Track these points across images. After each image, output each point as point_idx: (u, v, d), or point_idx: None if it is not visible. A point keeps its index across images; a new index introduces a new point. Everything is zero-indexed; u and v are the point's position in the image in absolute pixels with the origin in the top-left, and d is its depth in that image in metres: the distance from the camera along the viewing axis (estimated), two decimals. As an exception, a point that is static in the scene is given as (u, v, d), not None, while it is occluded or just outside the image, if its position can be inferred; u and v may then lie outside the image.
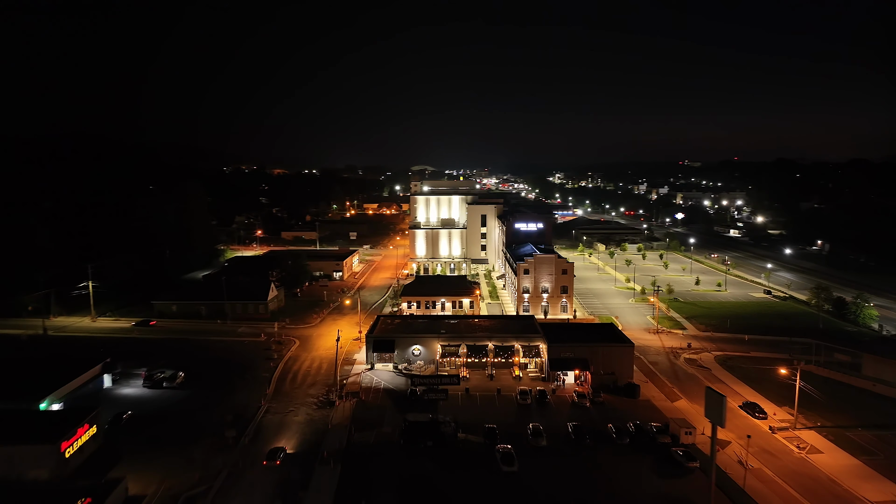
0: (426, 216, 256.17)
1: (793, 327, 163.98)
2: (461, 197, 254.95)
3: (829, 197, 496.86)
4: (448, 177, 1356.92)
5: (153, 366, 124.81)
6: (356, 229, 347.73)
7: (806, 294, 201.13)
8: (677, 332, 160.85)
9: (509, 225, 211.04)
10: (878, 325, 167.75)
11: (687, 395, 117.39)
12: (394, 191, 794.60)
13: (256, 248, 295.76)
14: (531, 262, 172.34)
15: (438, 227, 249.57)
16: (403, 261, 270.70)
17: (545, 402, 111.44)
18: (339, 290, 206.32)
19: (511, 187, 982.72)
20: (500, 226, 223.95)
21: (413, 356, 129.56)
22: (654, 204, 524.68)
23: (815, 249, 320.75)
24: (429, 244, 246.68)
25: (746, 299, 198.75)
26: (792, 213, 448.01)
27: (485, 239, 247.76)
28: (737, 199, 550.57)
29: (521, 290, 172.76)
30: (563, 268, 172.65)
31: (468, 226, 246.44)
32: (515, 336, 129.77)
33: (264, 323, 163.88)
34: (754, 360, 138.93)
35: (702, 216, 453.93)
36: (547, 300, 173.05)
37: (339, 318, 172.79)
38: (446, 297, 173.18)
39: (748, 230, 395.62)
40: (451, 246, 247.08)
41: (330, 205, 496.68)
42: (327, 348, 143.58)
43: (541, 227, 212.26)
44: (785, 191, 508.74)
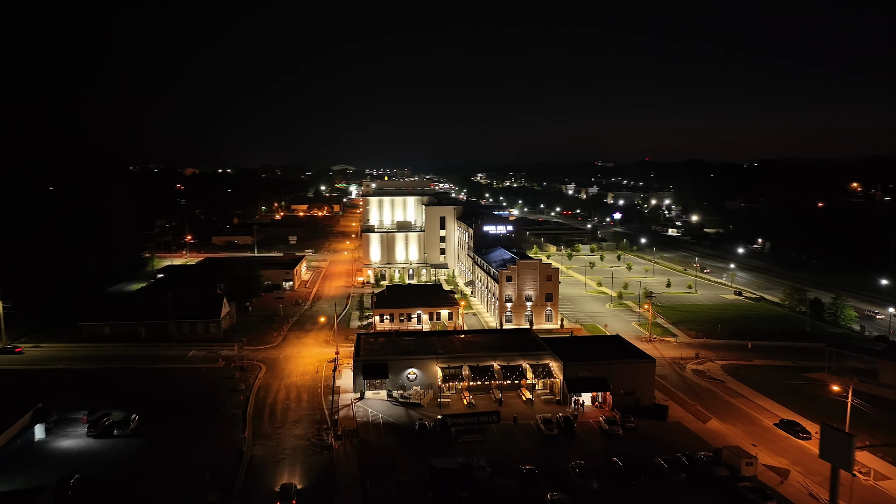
0: (380, 218, 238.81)
1: (780, 330, 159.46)
2: (417, 198, 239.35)
3: (751, 197, 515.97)
4: (370, 177, 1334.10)
5: (96, 407, 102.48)
6: (291, 232, 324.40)
7: (777, 295, 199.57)
8: (670, 340, 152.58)
9: (477, 228, 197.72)
10: (858, 326, 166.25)
11: (714, 413, 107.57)
12: (319, 191, 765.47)
13: (187, 256, 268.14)
14: (514, 268, 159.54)
15: (394, 230, 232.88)
16: (354, 267, 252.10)
17: (572, 432, 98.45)
18: (292, 302, 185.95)
19: (436, 187, 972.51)
20: (466, 229, 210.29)
21: (408, 381, 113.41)
22: (588, 203, 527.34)
23: (757, 248, 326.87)
24: (384, 249, 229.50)
25: (721, 301, 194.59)
26: (720, 212, 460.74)
27: (444, 242, 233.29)
28: (665, 199, 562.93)
29: (503, 298, 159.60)
30: (547, 274, 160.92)
31: (426, 228, 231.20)
32: (522, 354, 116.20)
33: (218, 344, 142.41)
34: (764, 370, 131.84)
35: (637, 216, 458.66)
36: (531, 309, 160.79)
37: (302, 335, 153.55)
38: (423, 309, 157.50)
39: (686, 229, 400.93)
40: (408, 250, 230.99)
41: (257, 206, 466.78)
42: (300, 374, 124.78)
43: (510, 230, 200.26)
44: (715, 190, 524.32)
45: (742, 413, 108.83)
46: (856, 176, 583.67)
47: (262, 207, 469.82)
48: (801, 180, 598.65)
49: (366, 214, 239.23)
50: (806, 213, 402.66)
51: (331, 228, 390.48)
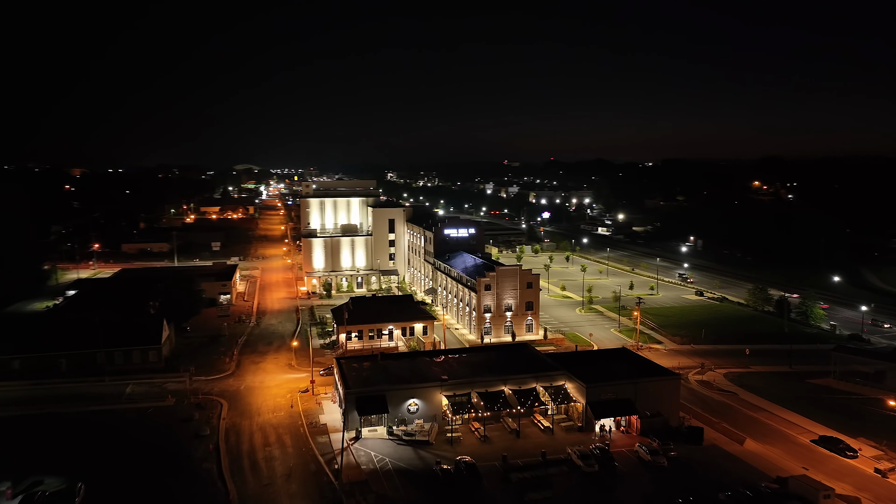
0: (321, 222, 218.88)
1: (759, 332, 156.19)
2: (362, 199, 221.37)
3: (668, 195, 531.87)
4: (276, 176, 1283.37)
5: (22, 474, 79.67)
6: (212, 238, 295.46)
7: (734, 294, 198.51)
8: (657, 348, 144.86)
9: (438, 232, 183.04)
10: (829, 325, 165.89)
11: (743, 431, 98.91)
12: (227, 192, 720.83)
13: (95, 267, 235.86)
14: (493, 276, 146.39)
15: (339, 234, 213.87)
16: (293, 275, 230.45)
17: (613, 467, 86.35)
18: (235, 319, 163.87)
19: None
20: (422, 233, 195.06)
21: (408, 414, 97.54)
22: (515, 203, 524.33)
23: (690, 245, 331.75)
24: (328, 255, 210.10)
25: (687, 303, 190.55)
26: (640, 211, 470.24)
27: (393, 247, 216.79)
28: (585, 198, 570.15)
29: (481, 309, 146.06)
30: (528, 281, 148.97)
31: (374, 232, 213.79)
32: (535, 376, 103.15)
33: (161, 376, 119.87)
34: (766, 377, 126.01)
35: (565, 215, 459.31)
36: (511, 319, 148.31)
37: (257, 359, 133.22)
38: (395, 324, 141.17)
39: (616, 228, 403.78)
40: (354, 256, 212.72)
41: (165, 209, 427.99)
42: (272, 409, 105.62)
43: (472, 233, 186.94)
44: (636, 189, 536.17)
45: (771, 429, 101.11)
46: (756, 175, 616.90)
47: (171, 210, 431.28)
48: (708, 179, 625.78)
49: (305, 218, 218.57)
50: (727, 211, 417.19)
51: (251, 232, 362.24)
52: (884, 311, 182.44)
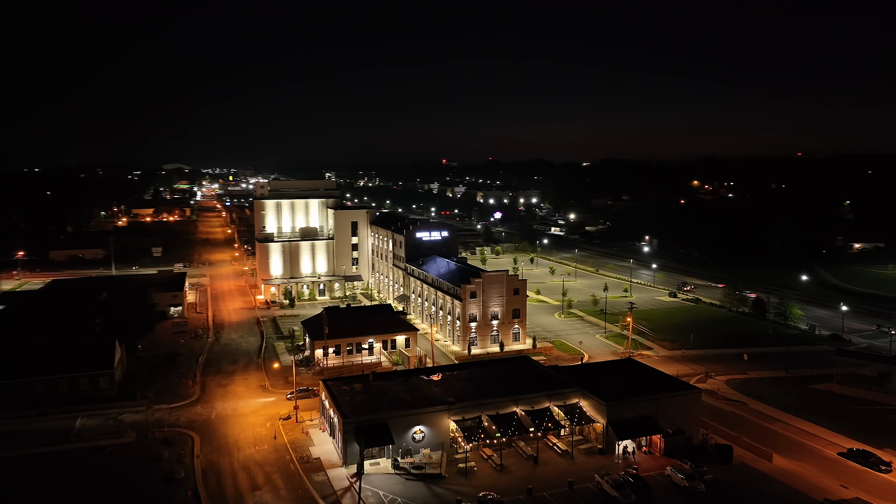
0: (278, 225, 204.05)
1: (743, 334, 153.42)
2: (321, 200, 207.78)
3: (614, 195, 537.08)
4: (209, 176, 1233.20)
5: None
6: (151, 242, 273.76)
7: (706, 294, 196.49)
8: (648, 355, 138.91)
9: (410, 235, 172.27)
10: (807, 325, 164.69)
11: (768, 446, 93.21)
12: (159, 193, 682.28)
13: (20, 277, 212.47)
14: (479, 282, 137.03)
15: (298, 238, 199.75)
16: (247, 282, 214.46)
17: (650, 495, 78.51)
18: (192, 335, 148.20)
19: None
20: (390, 236, 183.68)
21: (414, 443, 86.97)
22: (466, 203, 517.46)
23: (644, 244, 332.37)
24: (287, 260, 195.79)
25: (663, 305, 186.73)
26: (588, 210, 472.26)
27: (356, 251, 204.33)
28: (532, 197, 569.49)
29: (467, 318, 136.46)
30: (514, 287, 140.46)
31: (336, 236, 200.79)
32: (547, 395, 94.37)
33: (115, 406, 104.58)
34: (767, 383, 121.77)
35: (517, 215, 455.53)
36: (497, 328, 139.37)
37: (224, 381, 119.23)
38: (375, 337, 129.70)
39: (570, 228, 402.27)
40: (315, 261, 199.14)
41: (94, 211, 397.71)
42: (253, 442, 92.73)
43: (445, 237, 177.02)
44: (579, 188, 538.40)
45: (792, 442, 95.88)
46: (695, 174, 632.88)
47: (102, 213, 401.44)
48: (649, 178, 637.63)
49: (260, 221, 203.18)
50: (675, 210, 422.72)
51: (192, 236, 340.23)
52: (847, 309, 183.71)
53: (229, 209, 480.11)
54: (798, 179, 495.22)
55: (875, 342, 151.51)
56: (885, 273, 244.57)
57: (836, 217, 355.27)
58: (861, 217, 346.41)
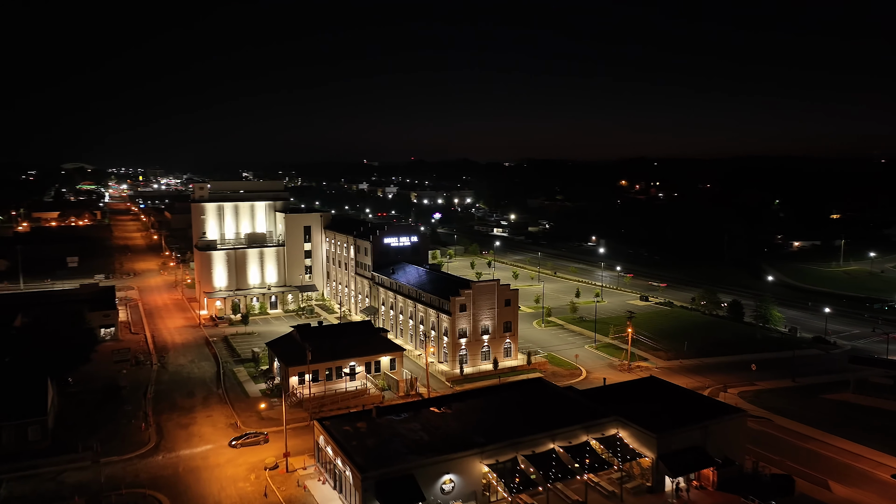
0: (220, 231, 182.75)
1: (733, 340, 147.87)
2: (269, 203, 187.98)
3: (550, 195, 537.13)
4: (115, 176, 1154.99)
5: None
6: (65, 251, 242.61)
7: (674, 296, 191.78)
8: (647, 366, 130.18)
9: (378, 241, 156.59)
10: (787, 328, 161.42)
11: (816, 471, 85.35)
12: (61, 194, 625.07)
13: None
14: (469, 293, 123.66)
15: (244, 245, 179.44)
16: (182, 296, 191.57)
17: (728, 544, 68.00)
18: (132, 361, 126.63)
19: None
20: (352, 242, 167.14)
21: (442, 495, 72.75)
22: (397, 203, 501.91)
23: (592, 245, 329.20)
24: (232, 270, 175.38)
25: (639, 310, 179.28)
26: (525, 210, 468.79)
27: (310, 258, 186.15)
28: (466, 197, 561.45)
29: (456, 333, 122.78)
30: (506, 298, 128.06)
31: (287, 242, 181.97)
32: (584, 427, 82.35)
33: (51, 462, 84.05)
34: (780, 394, 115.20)
35: (455, 216, 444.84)
36: (488, 343, 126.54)
37: (184, 419, 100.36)
38: (357, 360, 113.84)
39: (512, 228, 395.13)
40: (264, 270, 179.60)
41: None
42: (237, 503, 75.52)
43: (415, 242, 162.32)
44: (517, 189, 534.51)
45: (838, 464, 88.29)
46: (623, 174, 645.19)
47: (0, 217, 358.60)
48: (579, 178, 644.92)
49: (200, 226, 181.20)
50: (614, 210, 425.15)
51: (108, 242, 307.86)
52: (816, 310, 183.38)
53: (146, 212, 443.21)
54: (726, 180, 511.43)
55: (858, 343, 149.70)
56: (831, 271, 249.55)
57: (771, 216, 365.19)
58: (794, 216, 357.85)
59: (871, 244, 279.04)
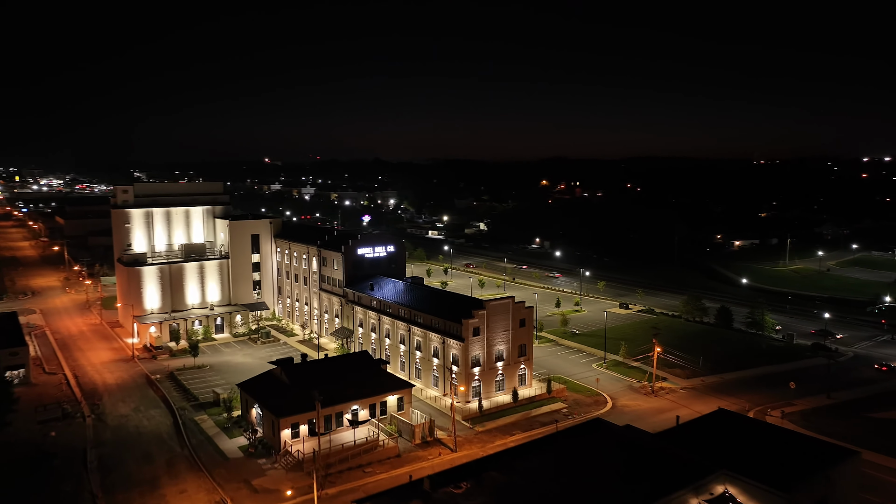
0: (149, 241, 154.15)
1: (740, 351, 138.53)
2: (207, 208, 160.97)
3: (478, 195, 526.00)
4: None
5: None
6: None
7: (641, 302, 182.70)
8: (670, 387, 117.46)
9: (350, 252, 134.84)
10: (782, 335, 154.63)
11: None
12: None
13: None
14: (482, 315, 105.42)
15: (180, 258, 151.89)
16: (100, 319, 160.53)
17: None
18: (56, 415, 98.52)
19: (89, 189, 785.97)
20: (316, 253, 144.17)
21: None
22: (320, 205, 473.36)
23: (537, 247, 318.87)
24: (167, 288, 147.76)
25: (625, 319, 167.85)
26: (453, 211, 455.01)
27: (259, 272, 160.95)
28: (389, 198, 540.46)
29: (469, 362, 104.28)
30: (520, 317, 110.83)
31: (231, 253, 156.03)
32: (694, 488, 66.56)
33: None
34: (827, 414, 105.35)
35: (385, 218, 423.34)
36: (503, 371, 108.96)
37: (148, 498, 75.78)
38: (360, 402, 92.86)
39: (448, 230, 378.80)
40: (205, 288, 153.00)
41: None
42: None
43: (392, 252, 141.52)
44: (440, 189, 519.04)
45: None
46: (543, 174, 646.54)
47: None
48: (499, 178, 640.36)
49: (123, 236, 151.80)
50: (547, 210, 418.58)
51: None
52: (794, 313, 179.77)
53: (31, 217, 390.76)
54: (650, 179, 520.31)
55: (857, 349, 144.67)
56: (780, 270, 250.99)
57: (709, 215, 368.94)
58: (730, 215, 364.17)
59: (808, 243, 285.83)
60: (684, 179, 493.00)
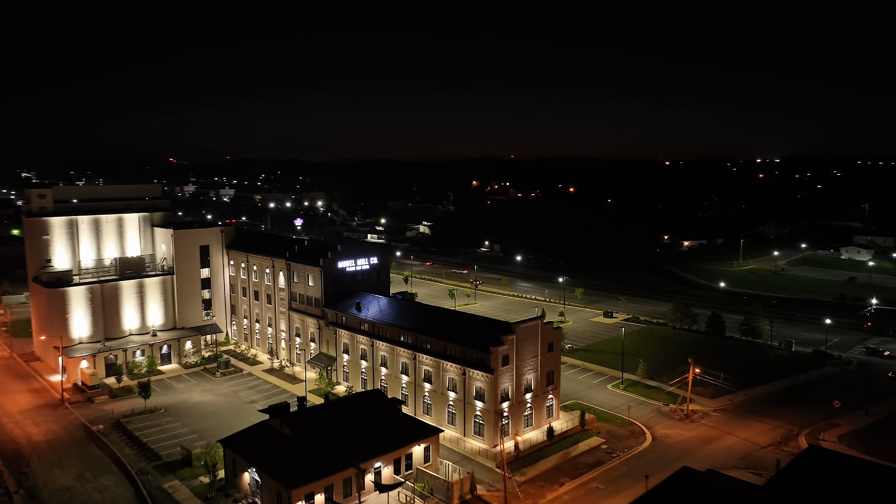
0: (74, 256, 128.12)
1: (751, 363, 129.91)
2: (143, 215, 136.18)
3: (411, 196, 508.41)
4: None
5: None
6: None
7: (608, 308, 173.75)
8: (702, 410, 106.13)
9: (330, 266, 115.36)
10: (779, 342, 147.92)
11: None
12: None
13: None
14: (511, 340, 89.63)
15: (114, 275, 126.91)
16: (11, 353, 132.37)
17: None
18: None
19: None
20: (281, 267, 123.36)
21: None
22: (238, 206, 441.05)
23: (486, 251, 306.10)
24: (98, 313, 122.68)
25: (614, 331, 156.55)
26: (388, 214, 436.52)
27: (209, 289, 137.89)
28: (317, 200, 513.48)
29: (498, 396, 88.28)
30: (549, 340, 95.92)
31: (177, 268, 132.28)
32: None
33: None
34: (880, 433, 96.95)
35: (317, 222, 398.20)
36: (531, 404, 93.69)
37: None
38: (383, 458, 74.85)
39: (390, 234, 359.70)
40: (145, 310, 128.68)
41: None
42: None
43: (375, 264, 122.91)
44: (374, 191, 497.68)
45: None
46: (473, 175, 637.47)
47: None
48: (427, 179, 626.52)
49: (41, 250, 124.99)
50: (489, 211, 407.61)
51: None
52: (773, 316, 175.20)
53: None
54: (581, 180, 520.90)
55: (857, 355, 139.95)
56: (735, 271, 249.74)
57: (653, 216, 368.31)
58: (671, 215, 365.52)
59: (752, 242, 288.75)
60: (610, 180, 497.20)
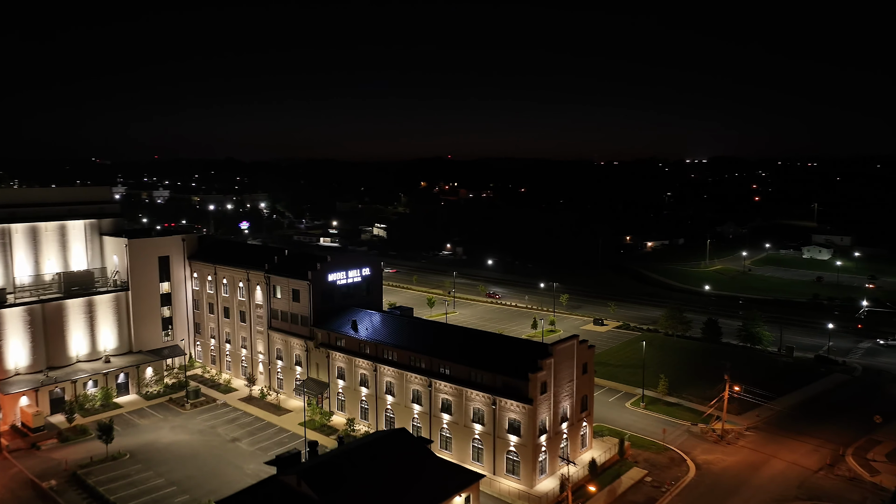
0: (7, 271, 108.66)
1: (761, 372, 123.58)
2: (91, 222, 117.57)
3: (360, 197, 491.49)
4: None
5: None
6: None
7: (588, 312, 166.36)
8: (737, 430, 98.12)
9: (319, 280, 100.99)
10: (780, 348, 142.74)
11: None
12: None
13: None
14: (549, 364, 78.31)
15: (57, 293, 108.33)
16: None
17: None
18: None
19: None
20: (258, 280, 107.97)
21: None
22: (176, 209, 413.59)
23: (449, 254, 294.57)
24: (38, 337, 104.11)
25: (612, 338, 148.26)
26: (337, 215, 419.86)
27: (170, 306, 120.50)
28: (260, 201, 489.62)
29: (536, 429, 76.81)
30: (584, 361, 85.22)
31: (132, 283, 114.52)
32: None
33: None
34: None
35: (264, 223, 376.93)
36: (567, 434, 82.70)
37: None
38: (425, 514, 62.06)
39: (346, 237, 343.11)
40: (95, 332, 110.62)
41: None
42: None
43: (368, 276, 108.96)
44: (321, 192, 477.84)
45: None
46: (421, 175, 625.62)
47: None
48: (373, 179, 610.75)
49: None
50: (444, 212, 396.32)
51: None
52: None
53: None
54: (532, 180, 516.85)
55: (859, 358, 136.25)
56: (704, 271, 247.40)
57: (614, 216, 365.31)
58: (630, 214, 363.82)
59: (713, 242, 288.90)
60: (552, 179, 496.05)
